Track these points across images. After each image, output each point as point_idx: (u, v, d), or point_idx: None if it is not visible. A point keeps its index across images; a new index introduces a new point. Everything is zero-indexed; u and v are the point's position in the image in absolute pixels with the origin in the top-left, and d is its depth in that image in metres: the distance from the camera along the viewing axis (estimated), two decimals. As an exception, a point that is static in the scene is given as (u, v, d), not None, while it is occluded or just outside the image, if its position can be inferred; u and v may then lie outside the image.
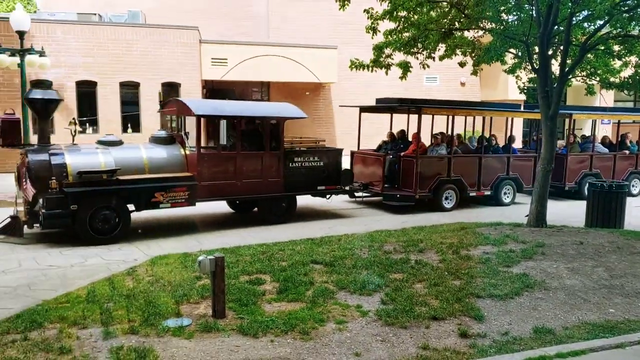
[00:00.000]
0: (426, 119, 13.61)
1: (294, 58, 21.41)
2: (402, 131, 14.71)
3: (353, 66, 11.89)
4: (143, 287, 6.45)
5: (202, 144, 10.73)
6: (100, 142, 10.00)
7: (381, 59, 11.55)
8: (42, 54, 14.81)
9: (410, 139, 14.17)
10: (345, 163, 12.68)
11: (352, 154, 14.28)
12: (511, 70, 12.37)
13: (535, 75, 10.47)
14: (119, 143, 10.08)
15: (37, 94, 9.45)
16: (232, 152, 10.76)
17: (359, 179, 13.30)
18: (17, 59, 14.34)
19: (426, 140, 13.91)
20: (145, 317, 5.48)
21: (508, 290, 6.50)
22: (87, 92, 18.67)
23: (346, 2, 10.87)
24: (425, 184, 12.78)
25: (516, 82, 12.94)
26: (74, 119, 9.99)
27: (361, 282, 6.67)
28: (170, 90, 19.71)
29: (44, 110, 9.55)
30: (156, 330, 5.20)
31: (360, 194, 13.02)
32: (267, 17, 24.41)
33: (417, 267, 7.41)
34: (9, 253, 8.40)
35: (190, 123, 11.12)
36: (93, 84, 18.75)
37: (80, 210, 8.94)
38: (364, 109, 14.52)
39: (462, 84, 25.83)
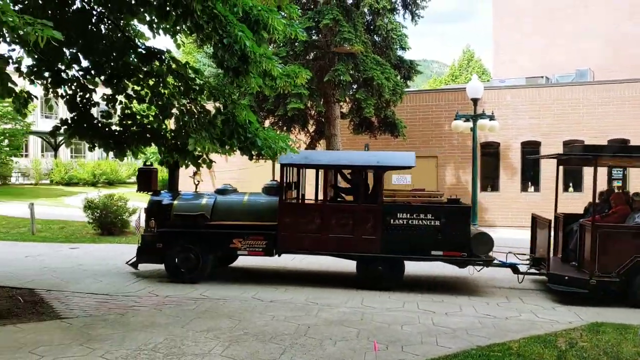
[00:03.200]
0: None
1: None
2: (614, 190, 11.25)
3: None
4: (575, 352, 6.30)
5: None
6: (216, 190, 10.74)
7: None
8: (492, 118, 16.31)
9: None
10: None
11: (533, 218, 10.96)
12: None
13: None
14: (230, 191, 10.64)
15: None
16: (316, 203, 10.65)
17: (538, 252, 10.38)
18: (469, 124, 16.19)
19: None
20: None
21: None
22: (530, 152, 19.35)
23: None
24: (611, 264, 8.98)
25: None
26: (196, 172, 10.57)
27: None
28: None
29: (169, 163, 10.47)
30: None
31: (524, 269, 10.14)
32: None
33: None
34: (453, 299, 9.40)
35: (311, 174, 11.55)
36: (537, 144, 19.32)
37: (166, 248, 9.90)
38: (562, 161, 11.17)
39: None
